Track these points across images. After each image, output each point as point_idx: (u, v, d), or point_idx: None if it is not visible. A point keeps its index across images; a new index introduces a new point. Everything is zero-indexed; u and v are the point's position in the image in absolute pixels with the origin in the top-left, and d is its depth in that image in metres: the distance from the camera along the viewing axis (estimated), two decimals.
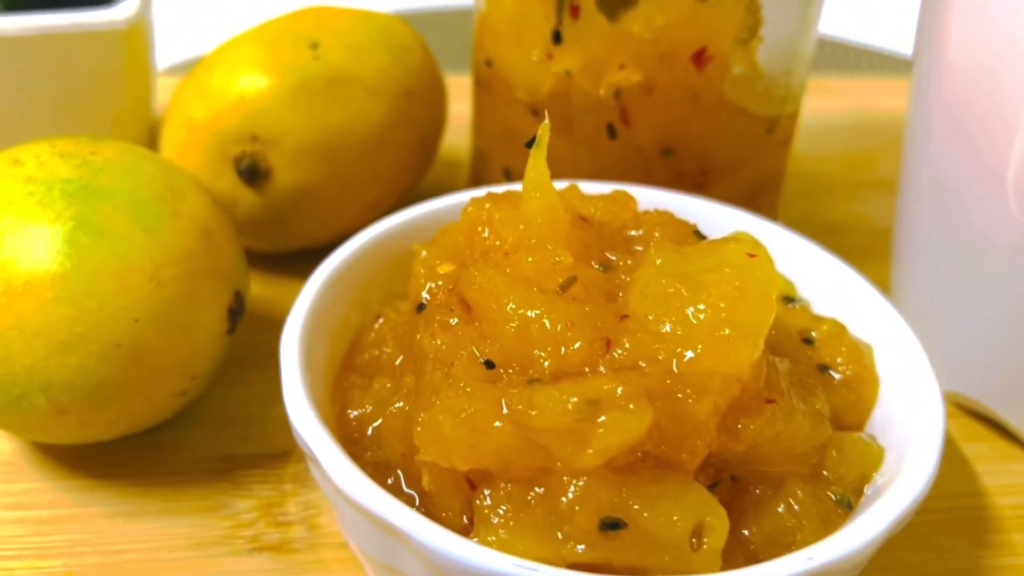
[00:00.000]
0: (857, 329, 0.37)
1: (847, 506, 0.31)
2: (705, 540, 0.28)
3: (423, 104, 0.47)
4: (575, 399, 0.28)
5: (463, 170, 0.56)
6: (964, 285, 0.41)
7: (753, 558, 0.30)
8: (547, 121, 0.33)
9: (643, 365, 0.29)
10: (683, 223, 0.36)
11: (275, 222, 0.45)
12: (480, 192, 0.36)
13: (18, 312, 0.32)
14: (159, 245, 0.34)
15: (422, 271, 0.35)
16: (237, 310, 0.37)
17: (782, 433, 0.30)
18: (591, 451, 0.28)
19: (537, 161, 0.33)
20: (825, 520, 0.31)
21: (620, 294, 0.32)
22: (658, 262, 0.32)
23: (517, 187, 0.34)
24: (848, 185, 0.59)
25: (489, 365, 0.31)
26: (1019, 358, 0.39)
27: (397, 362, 0.35)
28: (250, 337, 0.42)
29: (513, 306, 0.31)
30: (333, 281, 0.36)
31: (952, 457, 0.40)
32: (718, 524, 0.28)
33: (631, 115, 0.43)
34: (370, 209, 0.46)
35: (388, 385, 0.34)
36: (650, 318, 0.30)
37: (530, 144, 0.33)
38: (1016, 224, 0.38)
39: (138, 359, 0.33)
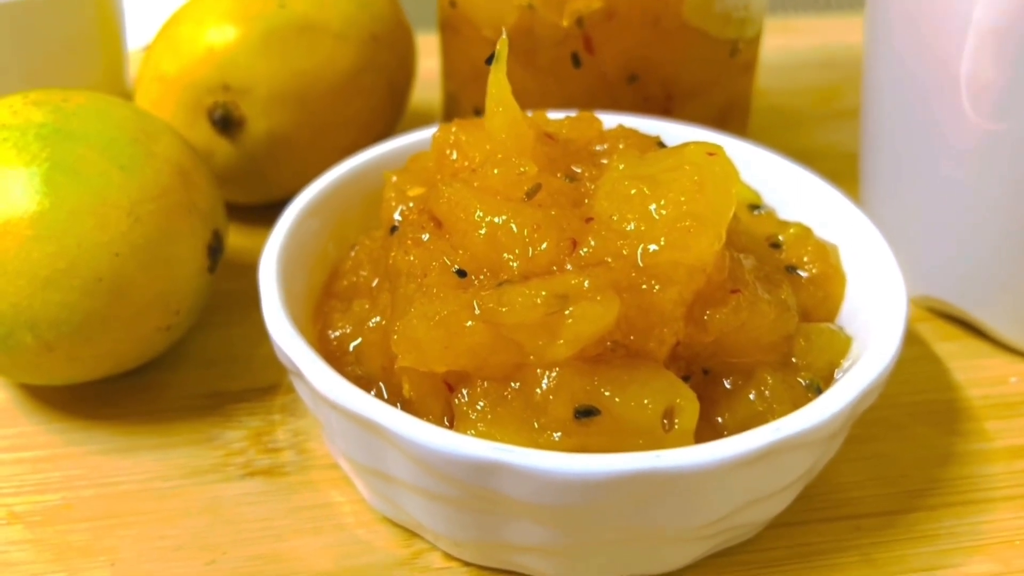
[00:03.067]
0: (823, 231, 0.38)
1: (816, 390, 0.32)
2: (676, 422, 0.29)
3: (390, 49, 0.48)
4: (544, 294, 0.29)
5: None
6: (929, 192, 0.42)
7: None
8: (504, 36, 0.33)
9: (609, 260, 0.30)
10: (647, 136, 0.37)
11: (252, 172, 0.46)
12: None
13: (0, 252, 0.33)
14: (135, 182, 0.35)
15: (393, 195, 0.36)
16: (216, 247, 0.38)
17: (748, 322, 0.31)
18: (562, 342, 0.29)
19: (497, 76, 0.34)
20: (796, 404, 0.31)
21: (586, 201, 0.33)
22: (621, 167, 0.33)
23: None
24: (816, 116, 0.60)
25: (461, 274, 0.31)
26: (985, 257, 0.40)
27: (374, 284, 0.36)
28: (232, 284, 0.43)
29: (480, 214, 0.31)
30: (309, 211, 0.37)
31: (924, 356, 0.41)
32: (688, 405, 0.29)
33: (594, 43, 0.43)
34: (344, 155, 0.47)
35: (366, 306, 0.35)
36: (614, 218, 0.31)
37: (489, 61, 0.34)
38: (972, 125, 0.39)
39: (121, 293, 0.34)
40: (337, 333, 0.35)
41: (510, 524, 0.29)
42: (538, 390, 0.29)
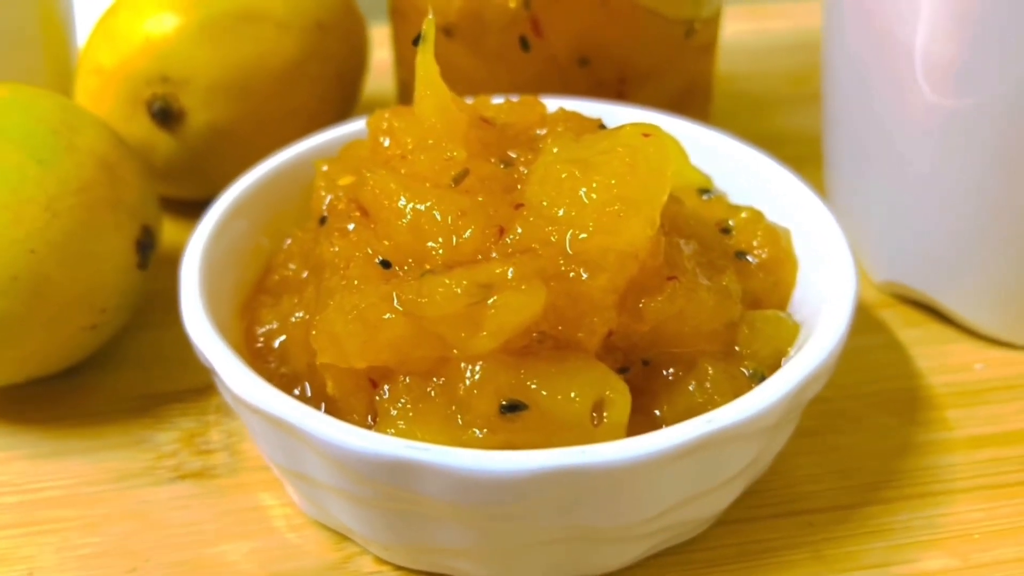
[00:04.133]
0: (775, 215, 0.36)
1: (761, 380, 0.31)
2: (606, 415, 0.28)
3: (338, 37, 0.46)
4: (465, 283, 0.28)
5: None
6: (890, 174, 0.40)
7: None
8: (431, 16, 0.32)
9: (536, 248, 0.29)
10: (588, 119, 0.36)
11: (194, 166, 0.44)
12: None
13: None
14: (53, 176, 0.34)
15: (323, 184, 0.34)
16: (147, 243, 0.37)
17: (686, 310, 0.30)
18: (485, 333, 0.27)
19: (425, 58, 0.32)
20: (738, 394, 0.30)
21: (518, 187, 0.32)
22: (555, 150, 0.31)
23: None
24: (785, 100, 0.58)
25: (385, 265, 0.30)
26: (947, 239, 0.39)
27: (304, 277, 0.34)
28: (170, 282, 0.41)
29: (404, 201, 0.30)
30: (237, 205, 0.36)
31: (887, 344, 0.40)
32: (619, 398, 0.28)
33: (542, 25, 0.42)
34: None
35: (295, 301, 0.34)
36: (545, 203, 0.30)
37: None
38: (929, 104, 0.37)
39: (39, 292, 0.33)
40: (264, 329, 0.33)
41: (435, 526, 0.28)
42: (462, 385, 0.28)
